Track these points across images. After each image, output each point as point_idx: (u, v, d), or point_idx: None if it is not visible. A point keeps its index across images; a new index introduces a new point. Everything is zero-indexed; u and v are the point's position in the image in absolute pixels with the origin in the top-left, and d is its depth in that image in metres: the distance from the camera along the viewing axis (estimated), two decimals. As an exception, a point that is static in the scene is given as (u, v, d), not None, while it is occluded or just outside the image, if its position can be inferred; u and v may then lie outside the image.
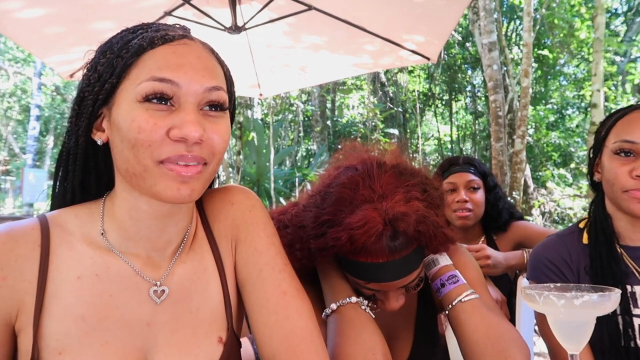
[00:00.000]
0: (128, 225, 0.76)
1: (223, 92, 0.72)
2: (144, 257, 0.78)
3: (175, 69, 0.68)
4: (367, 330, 0.92)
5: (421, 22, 3.08)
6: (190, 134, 0.66)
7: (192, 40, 0.74)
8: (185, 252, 0.82)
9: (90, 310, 0.72)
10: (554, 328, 0.81)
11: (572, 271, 1.16)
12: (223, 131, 0.72)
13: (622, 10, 11.74)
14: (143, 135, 0.66)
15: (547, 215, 8.52)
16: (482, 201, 1.89)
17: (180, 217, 0.79)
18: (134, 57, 0.70)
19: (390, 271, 0.92)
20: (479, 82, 12.84)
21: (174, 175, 0.68)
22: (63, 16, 2.71)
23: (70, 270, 0.74)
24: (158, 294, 0.77)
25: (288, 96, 11.18)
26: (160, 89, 0.67)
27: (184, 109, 0.68)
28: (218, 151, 0.72)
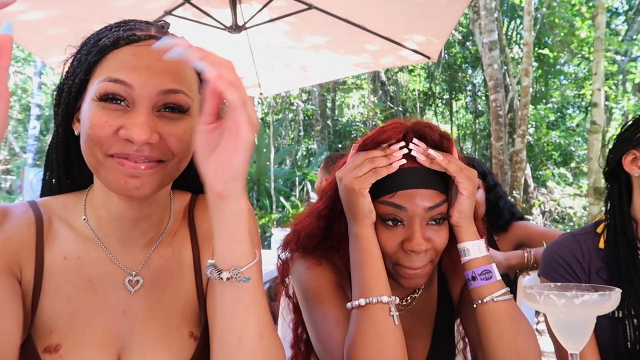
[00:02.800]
0: (103, 215, 0.79)
1: (183, 95, 0.72)
2: (120, 246, 0.81)
3: (130, 71, 0.70)
4: (392, 339, 0.89)
5: (421, 21, 3.08)
6: (134, 135, 0.67)
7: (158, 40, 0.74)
8: (164, 246, 0.84)
9: (74, 292, 0.76)
10: (554, 327, 0.81)
11: (584, 271, 1.14)
12: (180, 132, 0.72)
13: (622, 10, 11.74)
14: (93, 131, 0.69)
15: (548, 214, 8.52)
16: (482, 201, 1.89)
17: (152, 210, 0.81)
18: (99, 55, 0.72)
19: (415, 177, 0.93)
20: (480, 81, 12.84)
21: (122, 169, 0.69)
22: (64, 17, 2.72)
23: (59, 251, 0.78)
24: (132, 283, 0.80)
25: (288, 95, 11.18)
26: (113, 90, 0.69)
27: (136, 110, 0.69)
28: (176, 151, 0.72)
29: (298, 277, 1.08)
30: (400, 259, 0.95)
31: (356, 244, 0.95)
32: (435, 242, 0.95)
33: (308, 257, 1.08)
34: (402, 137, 0.96)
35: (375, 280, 0.92)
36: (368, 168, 0.93)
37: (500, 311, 0.92)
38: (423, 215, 0.94)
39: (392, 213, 0.94)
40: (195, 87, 0.76)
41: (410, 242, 0.93)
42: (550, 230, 1.89)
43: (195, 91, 0.76)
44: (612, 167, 1.18)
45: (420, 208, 0.93)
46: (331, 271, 1.05)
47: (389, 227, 0.95)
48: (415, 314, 1.10)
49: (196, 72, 0.77)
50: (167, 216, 0.85)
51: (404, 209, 0.93)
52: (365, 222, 0.94)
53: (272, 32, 3.30)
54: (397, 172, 0.93)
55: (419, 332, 1.10)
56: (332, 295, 1.01)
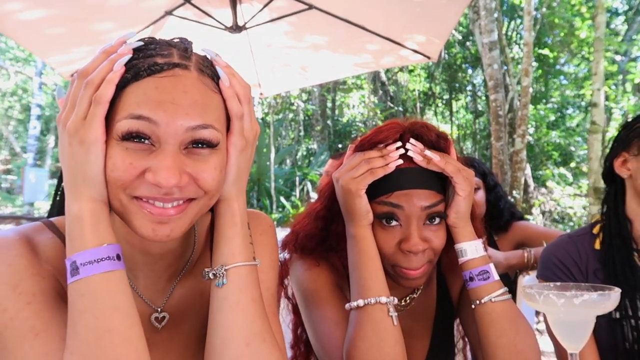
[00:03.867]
0: (126, 249, 0.73)
1: (212, 130, 0.66)
2: (144, 279, 0.77)
3: (155, 107, 0.64)
4: (391, 339, 0.89)
5: (422, 21, 3.08)
6: (162, 181, 0.62)
7: (185, 70, 0.68)
8: (187, 276, 0.81)
9: None
10: (554, 327, 0.81)
11: (581, 272, 1.15)
12: (211, 169, 0.67)
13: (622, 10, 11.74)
14: (116, 173, 0.64)
15: (548, 214, 8.52)
16: (482, 201, 1.89)
17: (178, 245, 0.78)
18: (119, 90, 0.65)
19: (411, 176, 0.94)
20: (480, 81, 12.84)
21: (150, 215, 0.65)
22: (64, 16, 2.72)
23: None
24: (159, 320, 0.77)
25: (288, 95, 11.18)
26: (137, 128, 0.63)
27: (163, 150, 0.64)
28: (208, 189, 0.67)
29: (297, 278, 1.08)
30: (398, 260, 0.95)
31: (354, 244, 0.95)
32: (433, 242, 0.95)
33: (306, 258, 1.08)
34: (399, 137, 0.97)
35: (374, 280, 0.92)
36: (364, 169, 0.93)
37: (499, 311, 0.91)
38: (420, 215, 0.94)
39: (389, 211, 0.94)
40: (223, 118, 0.71)
41: (408, 243, 0.93)
42: (550, 230, 1.90)
43: (223, 123, 0.71)
44: (607, 170, 1.20)
45: (417, 207, 0.93)
46: (329, 272, 1.06)
47: (385, 227, 0.96)
48: (415, 314, 1.10)
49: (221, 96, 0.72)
50: (192, 244, 0.82)
51: (400, 208, 0.94)
52: (362, 222, 0.94)
53: (272, 32, 3.30)
54: (394, 172, 0.93)
55: (418, 333, 1.10)
56: (330, 296, 1.02)
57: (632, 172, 1.14)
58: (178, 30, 3.14)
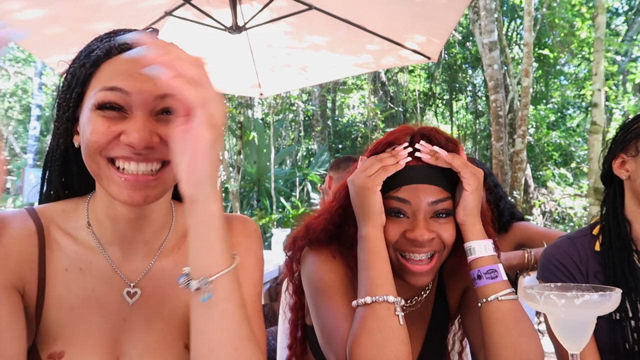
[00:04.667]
0: (106, 224, 0.80)
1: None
2: (122, 255, 0.82)
3: (125, 78, 0.71)
4: (396, 338, 0.89)
5: (422, 21, 3.08)
6: (135, 141, 0.69)
7: None
8: (165, 258, 0.84)
9: (76, 302, 0.78)
10: (555, 327, 0.80)
11: (581, 274, 1.15)
12: None
13: (622, 10, 11.74)
14: (94, 136, 0.70)
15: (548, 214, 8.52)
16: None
17: (155, 218, 0.82)
18: (93, 67, 0.74)
19: (418, 173, 0.98)
20: (480, 81, 12.84)
21: (124, 182, 0.71)
22: (63, 16, 2.72)
23: (60, 262, 0.79)
24: (131, 294, 0.81)
25: (288, 96, 11.18)
26: (110, 98, 0.71)
27: (135, 115, 0.71)
28: None
29: (311, 270, 1.09)
30: (404, 247, 0.98)
31: (365, 244, 0.97)
32: (441, 233, 0.97)
33: (322, 251, 1.10)
34: (409, 139, 1.02)
35: (382, 279, 0.93)
36: (377, 167, 0.97)
37: (504, 310, 0.92)
38: (427, 209, 0.97)
39: (396, 207, 0.98)
40: None
41: (413, 232, 0.95)
42: (550, 230, 1.89)
43: None
44: (605, 171, 1.21)
45: (424, 202, 0.96)
46: (346, 267, 1.07)
47: (393, 219, 0.98)
48: (411, 316, 1.11)
49: None
50: (169, 225, 0.86)
51: (408, 203, 0.97)
52: (376, 222, 0.96)
53: (272, 33, 3.30)
54: (403, 169, 0.98)
55: (412, 334, 1.10)
56: (344, 290, 1.03)
57: (630, 173, 1.14)
58: (178, 31, 3.14)
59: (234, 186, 7.91)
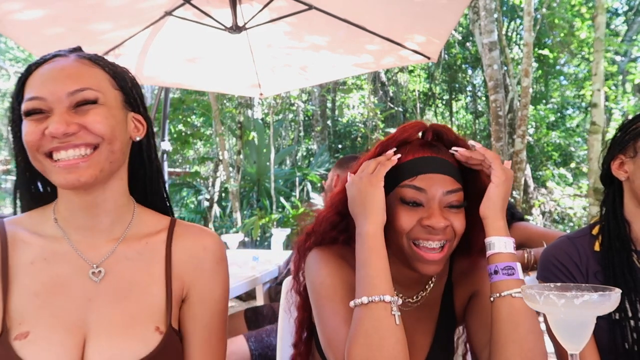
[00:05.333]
0: (67, 215, 0.92)
1: (89, 91, 0.86)
2: (86, 242, 0.92)
3: (40, 86, 0.85)
4: (392, 337, 0.90)
5: (422, 21, 3.08)
6: (52, 130, 0.81)
7: (63, 57, 0.90)
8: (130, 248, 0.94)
9: (41, 288, 0.87)
10: (554, 328, 0.80)
11: (581, 273, 1.15)
12: (95, 116, 0.85)
13: (622, 10, 11.74)
14: (27, 137, 0.84)
15: (548, 214, 8.52)
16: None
17: (109, 206, 0.92)
18: (21, 84, 0.88)
19: (433, 163, 1.01)
20: (480, 81, 12.84)
21: (60, 169, 0.83)
22: (63, 17, 2.71)
23: (25, 257, 0.89)
24: (96, 274, 0.90)
25: (288, 96, 11.18)
26: (32, 106, 0.84)
27: (54, 113, 0.84)
28: (101, 133, 0.85)
29: (312, 271, 1.09)
30: (418, 234, 0.99)
31: (364, 242, 0.97)
32: (454, 222, 0.99)
33: (327, 252, 1.10)
34: (421, 134, 1.07)
35: (380, 279, 0.94)
36: (374, 164, 1.01)
37: (517, 306, 0.93)
38: (441, 199, 0.99)
39: (412, 196, 1.00)
40: (105, 82, 0.90)
41: (430, 219, 0.97)
42: (550, 230, 1.89)
43: (106, 86, 0.89)
44: (605, 172, 1.21)
45: (439, 192, 0.98)
46: (350, 270, 1.06)
47: (409, 208, 1.00)
48: (420, 312, 1.12)
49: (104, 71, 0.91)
50: (129, 218, 0.96)
51: (423, 191, 0.99)
52: (377, 219, 0.97)
53: (272, 33, 3.30)
54: (418, 160, 1.01)
55: (421, 330, 1.12)
56: (345, 293, 1.03)
57: (629, 174, 1.14)
58: (178, 31, 3.14)
59: (233, 186, 7.91)
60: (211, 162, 10.95)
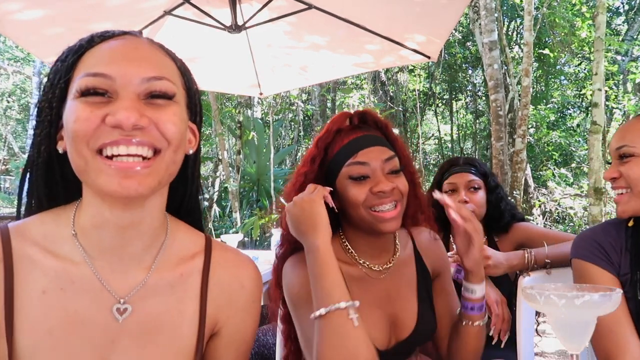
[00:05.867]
0: (93, 234, 0.74)
1: (167, 82, 0.71)
2: (111, 268, 0.75)
3: (108, 63, 0.69)
4: (352, 338, 0.96)
5: (422, 20, 3.07)
6: (122, 118, 0.65)
7: (135, 36, 0.75)
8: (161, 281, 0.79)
9: (57, 324, 0.71)
10: (555, 328, 0.80)
11: (615, 251, 1.22)
12: (170, 115, 0.70)
13: (623, 9, 11.73)
14: (78, 124, 0.66)
15: (548, 214, 8.52)
16: (483, 202, 1.88)
17: (146, 227, 0.76)
18: (75, 57, 0.71)
19: (366, 139, 1.16)
20: (480, 81, 12.83)
21: (114, 170, 0.66)
22: (63, 16, 2.71)
23: (36, 284, 0.72)
24: (120, 311, 0.75)
25: (288, 95, 11.18)
26: (93, 84, 0.67)
27: (121, 97, 0.68)
28: (170, 137, 0.69)
29: (288, 281, 1.16)
30: (372, 202, 1.12)
31: (316, 257, 1.02)
32: (398, 184, 1.14)
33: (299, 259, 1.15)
34: (348, 119, 1.22)
35: (334, 289, 1.00)
36: (313, 188, 1.11)
37: (479, 330, 1.20)
38: (382, 166, 1.14)
39: (358, 171, 1.13)
40: (178, 78, 0.76)
41: (378, 185, 1.11)
42: (551, 231, 1.88)
43: (179, 82, 0.76)
44: None
45: (379, 160, 1.13)
46: None
47: (358, 182, 1.13)
48: (399, 278, 1.24)
49: (176, 65, 0.78)
50: (161, 239, 0.81)
51: (366, 164, 1.13)
52: (324, 233, 1.04)
53: (272, 32, 3.30)
54: (352, 140, 1.15)
55: (406, 296, 1.23)
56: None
57: None
58: (177, 30, 3.14)
59: (233, 186, 7.91)
60: (211, 162, 10.95)
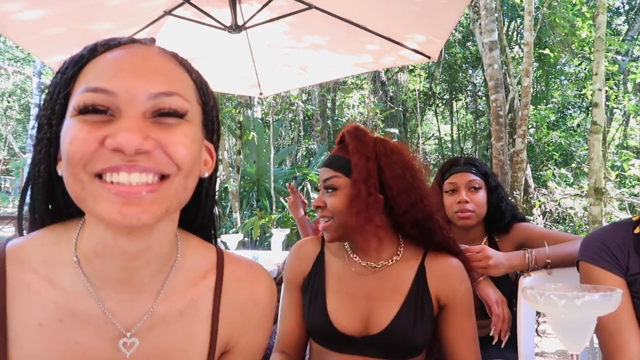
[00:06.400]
0: (96, 262, 0.67)
1: (178, 98, 0.62)
2: (116, 299, 0.69)
3: (112, 76, 0.60)
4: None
5: (422, 20, 3.07)
6: (123, 141, 0.56)
7: (144, 45, 0.66)
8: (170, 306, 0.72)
9: (56, 358, 0.65)
10: (555, 328, 0.80)
11: (623, 254, 1.22)
12: (181, 137, 0.61)
13: (623, 9, 11.73)
14: (74, 146, 0.57)
15: (548, 215, 8.51)
16: (483, 202, 1.88)
17: (157, 253, 0.69)
18: (75, 68, 0.63)
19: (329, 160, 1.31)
20: (480, 81, 12.83)
21: (114, 195, 0.57)
22: (63, 16, 2.71)
23: (31, 316, 0.65)
24: (127, 346, 0.68)
25: (288, 95, 11.17)
26: (92, 100, 0.58)
27: (124, 116, 0.59)
28: (180, 161, 0.60)
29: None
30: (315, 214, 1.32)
31: None
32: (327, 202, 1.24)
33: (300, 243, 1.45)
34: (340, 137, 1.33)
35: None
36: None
37: None
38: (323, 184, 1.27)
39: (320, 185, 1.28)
40: (192, 93, 0.68)
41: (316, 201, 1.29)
42: (551, 231, 1.88)
43: (193, 98, 0.67)
44: None
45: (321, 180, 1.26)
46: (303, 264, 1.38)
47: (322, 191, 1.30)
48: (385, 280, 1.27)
49: (191, 78, 0.70)
50: (172, 262, 0.73)
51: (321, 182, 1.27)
52: None
53: (272, 32, 3.30)
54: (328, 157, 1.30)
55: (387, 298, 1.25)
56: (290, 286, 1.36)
57: None
58: (177, 30, 3.14)
59: (233, 186, 7.90)
60: (211, 162, 10.93)
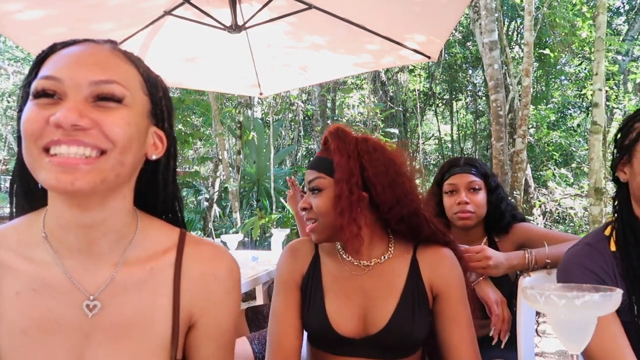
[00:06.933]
0: (60, 235, 0.78)
1: (117, 85, 0.73)
2: (81, 267, 0.79)
3: (61, 66, 0.73)
4: None
5: (422, 20, 3.07)
6: (61, 118, 0.67)
7: (97, 43, 0.78)
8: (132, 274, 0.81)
9: (31, 324, 0.75)
10: (555, 328, 0.80)
11: (609, 276, 1.16)
12: (117, 119, 0.72)
13: (623, 9, 11.72)
14: (27, 124, 0.70)
15: (548, 215, 8.51)
16: (483, 202, 1.88)
17: (110, 227, 0.78)
18: (38, 62, 0.77)
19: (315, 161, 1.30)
20: (480, 81, 12.82)
21: (53, 166, 0.69)
22: (63, 17, 2.71)
23: (9, 287, 0.76)
24: (90, 307, 0.78)
25: (288, 95, 11.17)
26: (43, 86, 0.71)
27: (67, 99, 0.71)
28: (115, 138, 0.71)
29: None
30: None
31: None
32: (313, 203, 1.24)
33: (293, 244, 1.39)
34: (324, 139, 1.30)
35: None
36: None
37: None
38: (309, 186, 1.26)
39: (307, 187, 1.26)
40: (137, 84, 0.79)
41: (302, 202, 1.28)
42: (551, 231, 1.88)
43: (135, 87, 0.78)
44: (614, 171, 1.24)
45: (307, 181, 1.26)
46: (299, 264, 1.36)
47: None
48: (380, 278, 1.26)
49: (138, 72, 0.80)
50: (131, 236, 0.83)
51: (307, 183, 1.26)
52: None
53: (272, 32, 3.29)
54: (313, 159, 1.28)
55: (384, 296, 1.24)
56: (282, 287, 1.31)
57: (627, 177, 1.18)
58: (177, 30, 3.13)
59: (233, 186, 7.90)
60: (211, 162, 10.95)
